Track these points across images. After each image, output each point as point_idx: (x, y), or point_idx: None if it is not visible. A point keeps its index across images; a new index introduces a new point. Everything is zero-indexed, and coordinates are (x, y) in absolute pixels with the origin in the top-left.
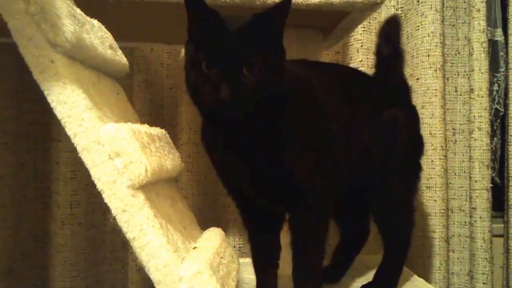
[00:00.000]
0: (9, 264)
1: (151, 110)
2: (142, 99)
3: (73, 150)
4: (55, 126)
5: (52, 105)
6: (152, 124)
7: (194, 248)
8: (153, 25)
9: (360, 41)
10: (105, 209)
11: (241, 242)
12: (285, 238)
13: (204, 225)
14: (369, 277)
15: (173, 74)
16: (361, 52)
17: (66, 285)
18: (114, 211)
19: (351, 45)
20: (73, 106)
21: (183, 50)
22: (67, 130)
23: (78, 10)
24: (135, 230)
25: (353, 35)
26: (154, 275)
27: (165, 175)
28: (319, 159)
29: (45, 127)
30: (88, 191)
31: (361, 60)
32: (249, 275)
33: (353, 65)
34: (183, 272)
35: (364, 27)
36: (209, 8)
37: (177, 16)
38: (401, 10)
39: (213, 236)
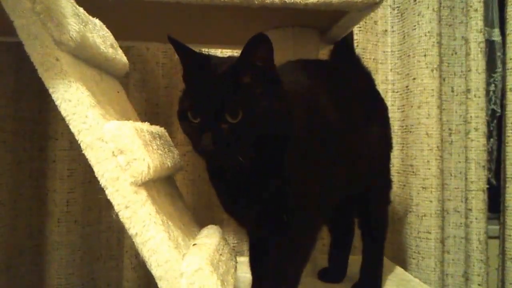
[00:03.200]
0: (6, 261)
1: (147, 109)
2: (138, 98)
3: (69, 148)
4: (51, 125)
5: (57, 102)
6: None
7: (194, 245)
8: (150, 24)
9: (356, 41)
10: (101, 207)
11: (235, 241)
12: None
13: (199, 224)
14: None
15: (169, 74)
16: (357, 51)
17: (62, 282)
18: (117, 207)
19: None
20: (78, 103)
21: None
22: (71, 127)
23: (81, 9)
24: (138, 226)
25: None
26: (155, 271)
27: (165, 172)
28: (317, 195)
29: (42, 126)
30: (84, 189)
31: None
32: (244, 273)
33: None
34: (184, 268)
35: (360, 27)
36: (196, 54)
37: (174, 15)
38: (398, 10)
39: (212, 233)
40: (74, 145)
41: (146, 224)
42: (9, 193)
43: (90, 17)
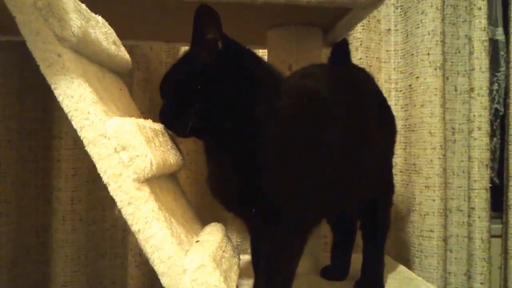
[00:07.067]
0: (12, 259)
1: (150, 108)
2: (142, 97)
3: (74, 147)
4: (56, 124)
5: (59, 98)
6: None
7: (196, 241)
8: (153, 23)
9: (360, 40)
10: (105, 206)
11: (239, 240)
12: None
13: (202, 223)
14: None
15: None
16: (360, 50)
17: (67, 280)
18: (119, 204)
19: (350, 43)
20: (80, 99)
21: (181, 49)
22: (73, 123)
23: (84, 6)
24: (140, 222)
25: (352, 34)
26: (158, 267)
27: (168, 169)
28: (305, 195)
29: (47, 125)
30: (89, 188)
31: (360, 58)
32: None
33: None
34: (187, 265)
35: (363, 26)
36: None
37: (176, 14)
38: (401, 8)
39: (215, 230)
40: (78, 144)
41: (148, 221)
42: (14, 191)
43: (92, 14)
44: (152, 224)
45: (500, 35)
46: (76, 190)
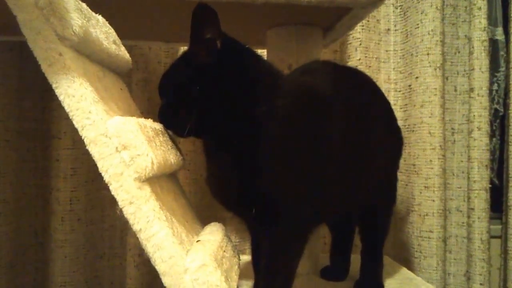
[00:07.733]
0: (10, 259)
1: (149, 108)
2: (141, 97)
3: (73, 147)
4: (55, 124)
5: (60, 98)
6: None
7: (197, 241)
8: (153, 23)
9: (359, 40)
10: (104, 206)
11: (238, 240)
12: None
13: (202, 223)
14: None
15: None
16: (359, 50)
17: (66, 280)
18: (121, 203)
19: (350, 43)
20: (81, 99)
21: (181, 49)
22: (74, 122)
23: (84, 5)
24: (142, 221)
25: (351, 34)
26: (159, 267)
27: (169, 169)
28: (304, 195)
29: (45, 125)
30: (88, 188)
31: (359, 59)
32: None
33: (351, 63)
34: (188, 264)
35: (363, 26)
36: None
37: (176, 14)
38: (401, 8)
39: (215, 230)
40: (77, 144)
41: (150, 220)
42: (13, 191)
43: (93, 13)
44: (154, 224)
45: (500, 35)
46: (75, 190)
